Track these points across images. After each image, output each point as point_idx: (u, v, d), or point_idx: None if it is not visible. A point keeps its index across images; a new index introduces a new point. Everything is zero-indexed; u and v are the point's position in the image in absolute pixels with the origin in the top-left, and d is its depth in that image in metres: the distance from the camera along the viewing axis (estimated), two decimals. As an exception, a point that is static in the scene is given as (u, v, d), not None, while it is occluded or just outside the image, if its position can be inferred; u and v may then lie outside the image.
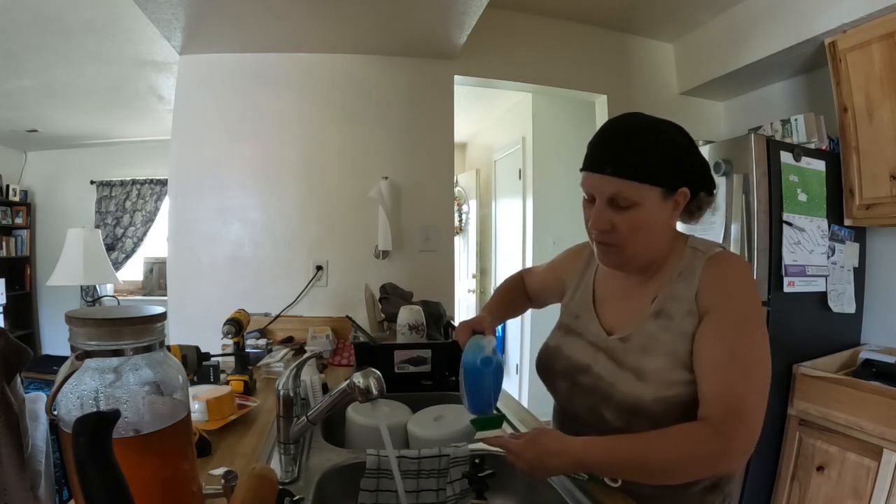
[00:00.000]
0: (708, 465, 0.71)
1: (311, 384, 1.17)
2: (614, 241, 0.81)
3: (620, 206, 0.78)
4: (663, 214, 0.80)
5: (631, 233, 0.79)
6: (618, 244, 0.81)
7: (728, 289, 0.78)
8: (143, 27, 2.19)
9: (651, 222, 0.79)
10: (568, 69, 2.56)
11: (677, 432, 0.71)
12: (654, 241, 0.82)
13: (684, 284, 0.80)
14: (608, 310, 0.91)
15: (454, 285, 2.47)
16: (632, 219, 0.78)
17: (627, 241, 0.80)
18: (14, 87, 3.12)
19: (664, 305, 0.81)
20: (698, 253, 0.82)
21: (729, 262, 0.81)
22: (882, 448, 1.53)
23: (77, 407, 0.50)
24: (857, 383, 1.66)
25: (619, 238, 0.80)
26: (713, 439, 0.68)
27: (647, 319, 0.82)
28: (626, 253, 0.82)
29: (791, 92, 2.49)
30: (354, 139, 2.30)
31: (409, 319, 1.49)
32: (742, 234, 1.81)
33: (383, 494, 0.86)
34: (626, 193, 0.77)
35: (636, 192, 0.77)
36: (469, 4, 1.79)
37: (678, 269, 0.82)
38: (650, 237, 0.81)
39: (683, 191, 0.80)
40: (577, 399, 0.88)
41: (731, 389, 0.70)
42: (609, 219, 0.79)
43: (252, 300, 2.04)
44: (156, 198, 4.83)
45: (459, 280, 4.38)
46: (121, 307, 0.60)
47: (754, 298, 0.80)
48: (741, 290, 0.78)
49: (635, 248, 0.82)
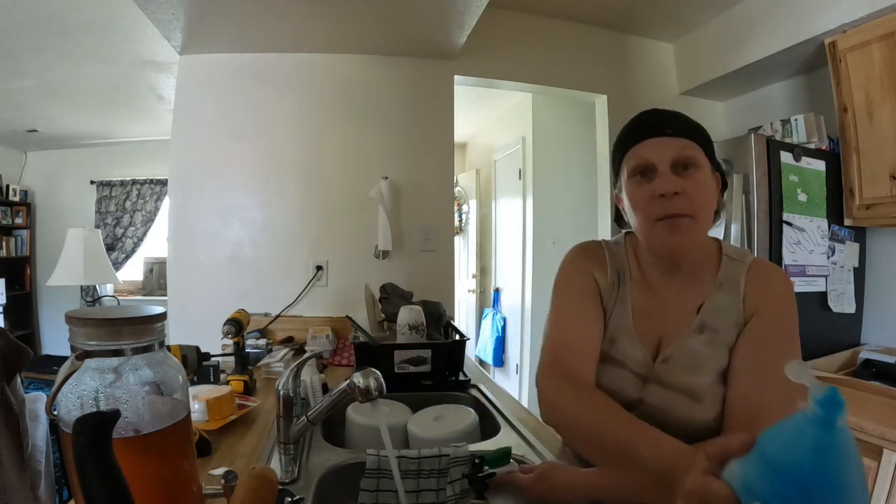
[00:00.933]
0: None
1: (311, 384, 1.17)
2: (686, 208, 0.72)
3: (686, 167, 0.73)
4: (714, 191, 0.77)
5: (702, 196, 0.73)
6: (690, 212, 0.72)
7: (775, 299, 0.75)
8: (143, 27, 2.19)
9: (712, 193, 0.76)
10: (568, 69, 2.56)
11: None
12: (709, 219, 0.77)
13: (727, 296, 0.76)
14: (648, 325, 0.82)
15: (454, 285, 2.47)
16: (698, 180, 0.73)
17: (699, 208, 0.73)
18: (14, 87, 3.12)
19: (707, 318, 0.76)
20: (734, 262, 0.79)
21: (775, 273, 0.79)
22: (882, 448, 1.53)
23: (77, 407, 0.50)
24: (857, 383, 1.66)
25: (690, 204, 0.72)
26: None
27: (690, 334, 0.77)
28: (699, 224, 0.74)
29: (791, 92, 2.49)
30: (354, 139, 2.29)
31: (409, 319, 1.49)
32: (742, 234, 1.81)
33: (383, 494, 0.86)
34: (690, 151, 0.73)
35: (698, 152, 0.74)
36: (469, 4, 1.79)
37: (718, 279, 0.78)
38: (711, 212, 0.76)
39: (718, 176, 0.78)
40: None
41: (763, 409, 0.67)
42: (678, 182, 0.72)
43: (252, 300, 2.04)
44: (156, 198, 4.84)
45: (459, 280, 4.39)
46: (121, 307, 0.60)
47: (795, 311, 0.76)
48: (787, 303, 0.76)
49: (706, 221, 0.75)
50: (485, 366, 4.05)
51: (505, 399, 1.31)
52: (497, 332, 4.02)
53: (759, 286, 0.76)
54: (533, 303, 3.43)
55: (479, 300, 4.56)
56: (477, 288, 4.57)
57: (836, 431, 0.42)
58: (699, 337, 0.76)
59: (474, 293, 4.58)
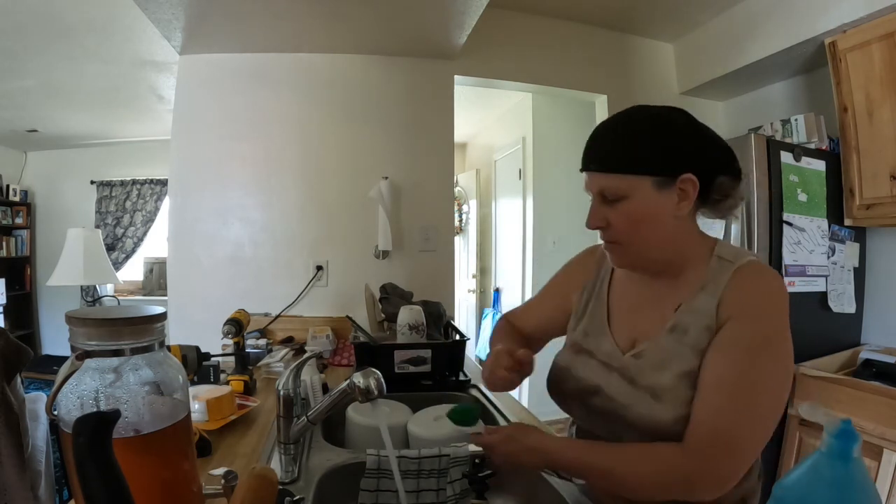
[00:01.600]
0: (675, 491, 0.66)
1: (311, 384, 1.17)
2: (614, 237, 0.76)
3: (610, 200, 0.74)
4: (664, 206, 0.73)
5: (628, 227, 0.74)
6: (618, 241, 0.76)
7: (753, 304, 0.70)
8: (143, 27, 2.19)
9: (649, 215, 0.73)
10: (568, 69, 2.56)
11: (652, 451, 0.68)
12: (661, 236, 0.75)
13: (706, 297, 0.73)
14: (623, 324, 0.83)
15: (454, 285, 2.47)
16: (624, 212, 0.73)
17: (627, 237, 0.75)
18: (14, 87, 3.12)
19: (681, 319, 0.74)
20: (725, 263, 0.74)
21: (761, 275, 0.73)
22: (882, 448, 1.53)
23: (77, 407, 0.50)
24: (857, 383, 1.66)
25: (617, 234, 0.76)
26: (683, 465, 0.65)
27: (662, 334, 0.75)
28: (632, 249, 0.77)
29: (791, 92, 2.49)
30: (354, 139, 2.29)
31: (409, 319, 1.49)
32: (742, 234, 1.81)
33: (383, 494, 0.86)
34: (610, 187, 0.73)
35: (622, 184, 0.72)
36: (469, 4, 1.79)
37: (702, 280, 0.74)
38: (654, 231, 0.74)
39: (687, 177, 0.72)
40: (595, 422, 0.82)
41: (723, 416, 0.65)
42: (603, 215, 0.75)
43: (252, 300, 2.04)
44: (156, 198, 4.83)
45: (459, 280, 4.38)
46: (121, 307, 0.60)
47: (781, 320, 0.70)
48: (767, 308, 0.70)
49: (640, 245, 0.76)
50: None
51: (505, 399, 1.31)
52: (497, 332, 4.02)
53: (738, 290, 0.71)
54: (533, 303, 3.42)
55: (479, 300, 4.56)
56: (477, 288, 4.57)
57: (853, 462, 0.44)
58: (670, 336, 0.74)
59: (474, 293, 4.58)
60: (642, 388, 0.74)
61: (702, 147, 0.74)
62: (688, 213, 0.75)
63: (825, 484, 0.46)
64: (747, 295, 0.70)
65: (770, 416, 0.66)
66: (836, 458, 0.46)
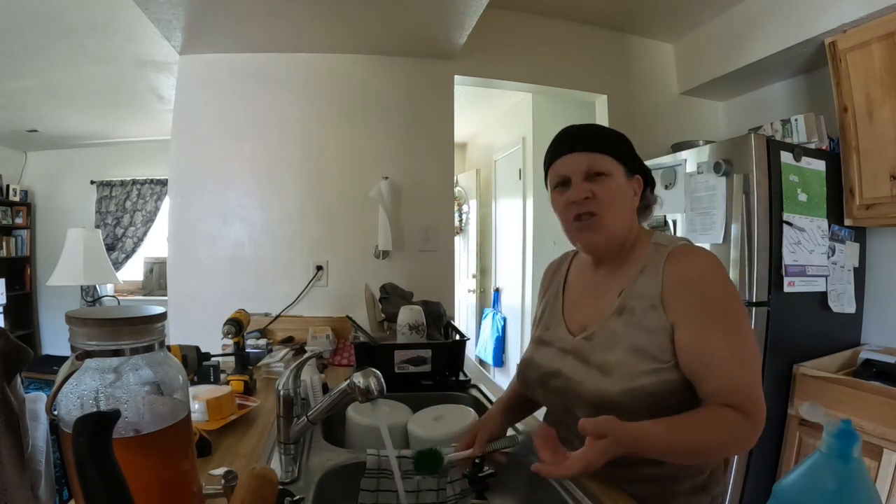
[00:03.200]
0: (742, 447, 0.75)
1: (311, 384, 1.17)
2: (595, 208, 0.85)
3: (595, 175, 0.85)
4: (628, 195, 0.88)
5: (609, 199, 0.85)
6: (599, 212, 0.85)
7: (698, 284, 0.80)
8: (143, 27, 2.19)
9: (621, 195, 0.87)
10: (568, 69, 2.56)
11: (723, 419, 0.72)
12: (625, 217, 0.88)
13: (646, 279, 0.83)
14: (577, 313, 0.94)
15: (454, 285, 2.47)
16: (607, 186, 0.85)
17: (606, 209, 0.85)
18: (14, 87, 3.12)
19: (626, 302, 0.83)
20: (660, 248, 0.85)
21: (693, 255, 0.83)
22: (882, 448, 1.53)
23: (77, 407, 0.50)
24: (857, 383, 1.66)
25: (599, 205, 0.85)
26: (746, 424, 0.72)
27: (610, 317, 0.85)
28: (607, 222, 0.86)
29: (791, 92, 2.49)
30: (354, 139, 2.29)
31: (409, 319, 1.49)
32: (742, 234, 1.81)
33: (383, 494, 0.86)
34: (599, 163, 0.85)
35: (607, 163, 0.86)
36: (469, 4, 1.79)
37: (640, 264, 0.86)
38: (623, 210, 0.87)
39: (638, 178, 0.90)
40: (553, 402, 0.91)
41: (739, 380, 0.74)
42: (588, 187, 0.85)
43: (252, 300, 2.03)
44: (156, 198, 4.84)
45: (459, 280, 4.38)
46: (121, 307, 0.60)
47: (726, 285, 0.81)
48: (711, 281, 0.80)
49: (613, 219, 0.86)
50: (485, 366, 4.05)
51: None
52: (497, 332, 4.02)
53: (678, 270, 0.81)
54: (533, 303, 3.43)
55: (479, 300, 4.56)
56: (477, 288, 4.57)
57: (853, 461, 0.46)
58: (618, 319, 0.83)
59: (474, 293, 4.58)
60: (593, 365, 0.83)
61: (641, 162, 0.93)
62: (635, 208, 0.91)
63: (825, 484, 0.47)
64: (690, 275, 0.80)
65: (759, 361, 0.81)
66: (836, 458, 0.46)
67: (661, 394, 0.77)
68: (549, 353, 0.93)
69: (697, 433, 0.72)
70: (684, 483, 0.81)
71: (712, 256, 0.84)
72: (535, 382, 0.93)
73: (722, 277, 0.81)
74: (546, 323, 1.00)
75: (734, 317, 0.78)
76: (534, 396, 0.97)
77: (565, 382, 0.86)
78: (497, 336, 4.01)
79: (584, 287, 0.97)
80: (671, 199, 2.15)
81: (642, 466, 0.80)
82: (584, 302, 0.94)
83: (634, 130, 2.64)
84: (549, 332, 0.97)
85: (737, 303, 0.81)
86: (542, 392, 0.93)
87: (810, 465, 0.49)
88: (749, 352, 0.77)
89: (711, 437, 0.72)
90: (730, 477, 1.80)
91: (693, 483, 0.82)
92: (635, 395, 0.77)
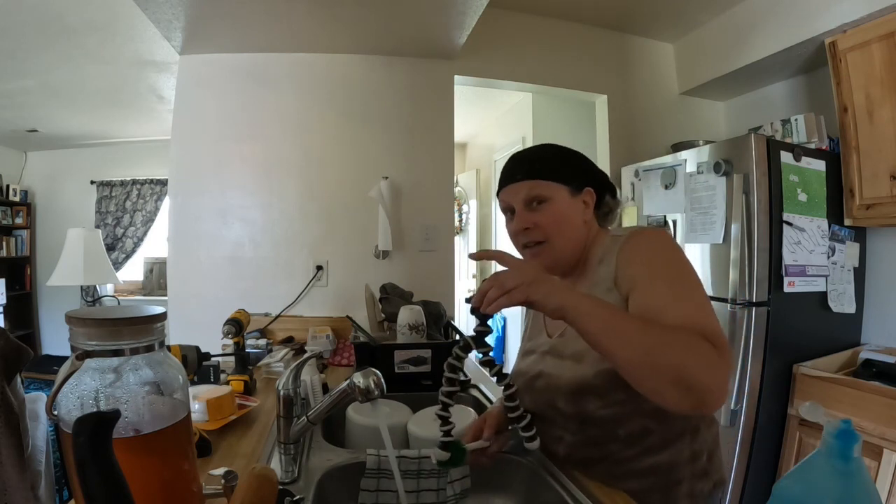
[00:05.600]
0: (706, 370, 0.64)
1: (311, 384, 1.17)
2: (539, 237, 0.89)
3: (536, 203, 0.88)
4: (576, 211, 0.90)
5: (552, 225, 0.88)
6: (544, 239, 0.89)
7: (644, 253, 0.82)
8: (143, 27, 2.19)
9: (567, 216, 0.89)
10: (568, 69, 2.56)
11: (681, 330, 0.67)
12: (573, 234, 0.90)
13: (604, 267, 0.86)
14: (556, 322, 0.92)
15: (454, 285, 2.47)
16: (548, 212, 0.88)
17: (551, 234, 0.88)
18: (14, 87, 3.12)
19: (589, 291, 0.86)
20: (616, 238, 0.88)
21: (641, 234, 0.86)
22: (882, 448, 1.53)
23: (77, 407, 0.50)
24: (857, 383, 1.66)
25: (543, 233, 0.88)
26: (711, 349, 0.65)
27: None
28: (554, 247, 0.89)
29: (791, 92, 2.49)
30: (354, 139, 2.29)
31: (409, 319, 1.49)
32: (742, 234, 1.81)
33: (383, 494, 0.86)
34: (537, 190, 0.88)
35: (546, 188, 0.88)
36: (469, 4, 1.79)
37: (598, 257, 0.89)
38: (571, 231, 0.90)
39: (589, 190, 0.92)
40: (539, 401, 0.92)
41: (694, 318, 0.70)
42: (529, 218, 0.89)
43: (252, 300, 2.04)
44: (156, 198, 4.84)
45: (459, 280, 4.38)
46: (121, 307, 0.60)
47: (670, 249, 0.82)
48: (656, 248, 0.83)
49: (561, 241, 0.89)
50: (485, 366, 4.04)
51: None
52: (497, 332, 4.02)
53: (624, 251, 0.84)
54: (533, 303, 3.43)
55: (479, 300, 4.55)
56: (477, 288, 4.56)
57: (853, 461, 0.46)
58: None
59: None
60: (567, 357, 0.87)
61: (593, 171, 0.96)
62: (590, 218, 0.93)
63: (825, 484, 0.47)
64: (637, 247, 0.83)
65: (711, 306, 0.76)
66: (836, 458, 0.46)
67: None
68: (532, 360, 0.97)
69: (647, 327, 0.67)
70: (684, 469, 0.82)
71: (662, 232, 0.87)
72: (523, 388, 0.94)
73: (667, 244, 0.83)
74: (530, 335, 1.05)
75: (679, 271, 0.79)
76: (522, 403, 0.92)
77: (547, 380, 0.90)
78: (497, 336, 4.01)
79: None
80: (671, 199, 2.15)
81: (636, 460, 0.81)
82: None
83: (634, 130, 2.68)
84: (532, 342, 1.01)
85: (683, 262, 0.81)
86: (528, 396, 0.94)
87: (810, 465, 0.49)
88: (698, 299, 0.74)
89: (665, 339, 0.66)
90: (730, 477, 1.80)
91: (693, 469, 0.82)
92: (608, 375, 0.78)
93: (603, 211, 0.97)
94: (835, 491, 0.46)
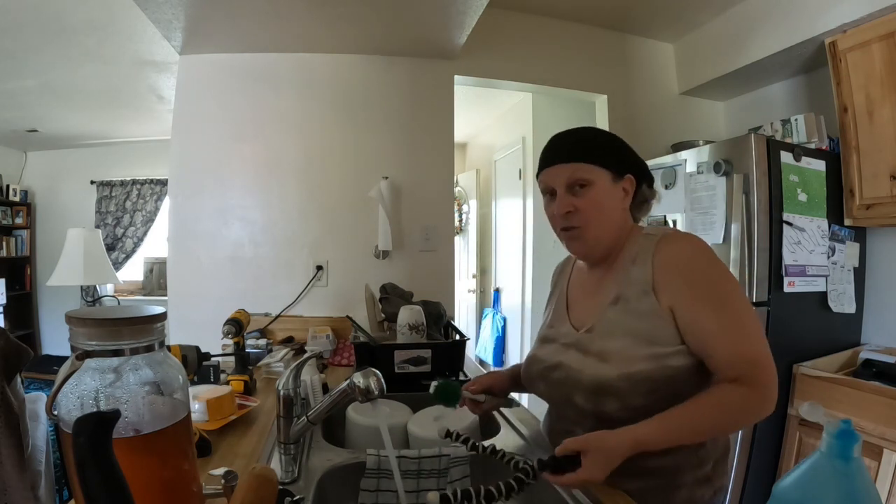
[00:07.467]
0: (754, 416, 0.76)
1: (311, 384, 1.17)
2: (578, 222, 0.88)
3: (578, 187, 0.87)
4: (616, 197, 0.89)
5: (591, 211, 0.87)
6: (581, 225, 0.88)
7: (686, 267, 0.82)
8: (143, 27, 2.19)
9: (606, 202, 0.88)
10: (568, 69, 2.56)
11: (718, 399, 0.74)
12: (611, 223, 0.89)
13: (637, 268, 0.86)
14: (579, 310, 0.97)
15: (454, 285, 2.47)
16: (589, 197, 0.87)
17: (589, 221, 0.88)
18: (14, 87, 3.12)
19: (621, 291, 0.86)
20: (650, 237, 0.88)
21: (680, 240, 0.86)
22: (882, 448, 1.53)
23: (77, 407, 0.50)
24: (857, 383, 1.66)
25: (581, 218, 0.88)
26: (752, 395, 0.74)
27: (608, 308, 0.87)
28: (590, 234, 0.89)
29: (791, 92, 2.49)
30: (354, 139, 2.29)
31: (409, 319, 1.49)
32: (742, 234, 1.81)
33: (383, 494, 0.86)
34: (580, 173, 0.87)
35: (588, 172, 0.87)
36: (469, 4, 1.79)
37: (631, 255, 0.88)
38: (608, 218, 0.89)
39: (629, 178, 0.90)
40: (554, 394, 0.93)
41: (737, 352, 0.76)
42: (570, 202, 0.88)
43: (252, 300, 2.04)
44: (156, 198, 4.83)
45: (459, 280, 4.38)
46: (121, 307, 0.60)
47: (713, 264, 0.83)
48: (698, 263, 0.83)
49: (597, 230, 0.88)
50: (485, 366, 4.05)
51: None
52: (497, 332, 4.02)
53: (666, 254, 0.84)
54: (533, 303, 3.43)
55: (479, 300, 4.56)
56: (477, 288, 4.57)
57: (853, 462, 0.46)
58: (615, 307, 0.86)
59: (474, 293, 4.58)
60: (592, 354, 0.85)
61: (635, 159, 0.94)
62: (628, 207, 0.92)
63: (825, 484, 0.47)
64: (678, 259, 0.83)
65: (761, 329, 0.81)
66: (836, 458, 0.47)
67: (660, 380, 0.78)
68: (552, 349, 0.95)
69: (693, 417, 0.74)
70: (687, 475, 0.82)
71: (698, 240, 0.87)
72: (537, 376, 0.95)
73: (709, 258, 0.83)
74: (550, 322, 1.02)
75: (724, 292, 0.80)
76: (535, 390, 0.98)
77: (566, 373, 0.88)
78: (497, 336, 4.01)
79: (584, 286, 0.99)
80: (671, 199, 2.15)
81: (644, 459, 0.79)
82: (585, 300, 0.97)
83: (634, 130, 2.67)
84: (553, 330, 0.99)
85: (726, 279, 0.83)
86: (543, 385, 0.94)
87: (810, 465, 0.49)
88: (744, 323, 0.78)
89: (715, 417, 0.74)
90: (730, 476, 1.80)
91: (696, 475, 0.83)
92: (632, 379, 0.78)
93: (638, 200, 0.95)
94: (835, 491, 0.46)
